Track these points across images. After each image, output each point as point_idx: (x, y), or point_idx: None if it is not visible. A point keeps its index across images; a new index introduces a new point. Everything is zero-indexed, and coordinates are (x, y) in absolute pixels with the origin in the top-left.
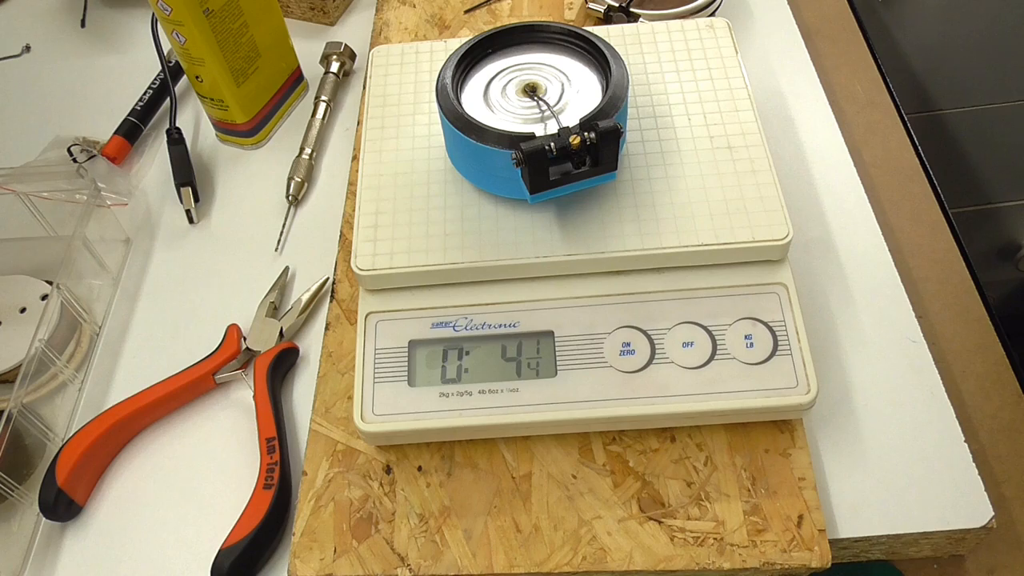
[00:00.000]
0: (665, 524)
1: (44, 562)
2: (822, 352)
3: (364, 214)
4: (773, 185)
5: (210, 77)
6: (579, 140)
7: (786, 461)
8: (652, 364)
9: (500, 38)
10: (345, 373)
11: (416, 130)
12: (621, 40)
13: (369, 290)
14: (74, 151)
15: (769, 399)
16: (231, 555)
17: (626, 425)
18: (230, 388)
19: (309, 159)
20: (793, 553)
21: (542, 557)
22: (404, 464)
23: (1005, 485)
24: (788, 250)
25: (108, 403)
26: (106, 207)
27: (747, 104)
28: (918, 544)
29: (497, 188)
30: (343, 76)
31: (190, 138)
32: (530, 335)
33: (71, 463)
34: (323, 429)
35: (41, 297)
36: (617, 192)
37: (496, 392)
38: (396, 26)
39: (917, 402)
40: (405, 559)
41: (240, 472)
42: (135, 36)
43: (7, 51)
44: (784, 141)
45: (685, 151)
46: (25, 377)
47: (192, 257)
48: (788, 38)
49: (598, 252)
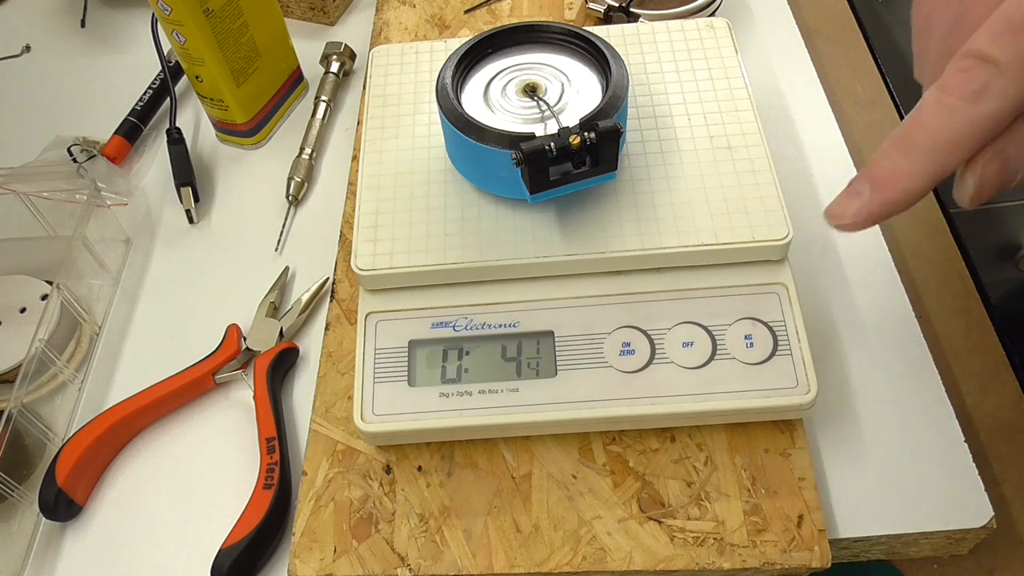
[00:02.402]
0: (665, 524)
1: (44, 562)
2: (822, 352)
3: (364, 214)
4: (773, 185)
5: (210, 77)
6: (579, 140)
7: (786, 461)
8: (652, 364)
9: (500, 38)
10: (345, 373)
11: (416, 130)
12: (621, 40)
13: (369, 290)
14: (74, 151)
15: (769, 399)
16: (231, 555)
17: (626, 425)
18: (230, 388)
19: (309, 159)
20: (793, 553)
21: (542, 557)
22: (404, 464)
23: (1005, 485)
24: (788, 250)
25: (108, 403)
26: (106, 207)
27: (747, 104)
28: (918, 544)
29: (497, 188)
30: (343, 76)
31: (190, 138)
32: (530, 335)
33: (71, 463)
34: (323, 429)
35: (41, 297)
36: (617, 192)
37: (496, 392)
38: (396, 26)
39: (917, 402)
40: (405, 559)
41: (240, 472)
42: (135, 36)
43: (7, 51)
44: (784, 141)
45: (685, 151)
46: (25, 377)
47: (192, 257)
48: (788, 38)
49: (598, 252)
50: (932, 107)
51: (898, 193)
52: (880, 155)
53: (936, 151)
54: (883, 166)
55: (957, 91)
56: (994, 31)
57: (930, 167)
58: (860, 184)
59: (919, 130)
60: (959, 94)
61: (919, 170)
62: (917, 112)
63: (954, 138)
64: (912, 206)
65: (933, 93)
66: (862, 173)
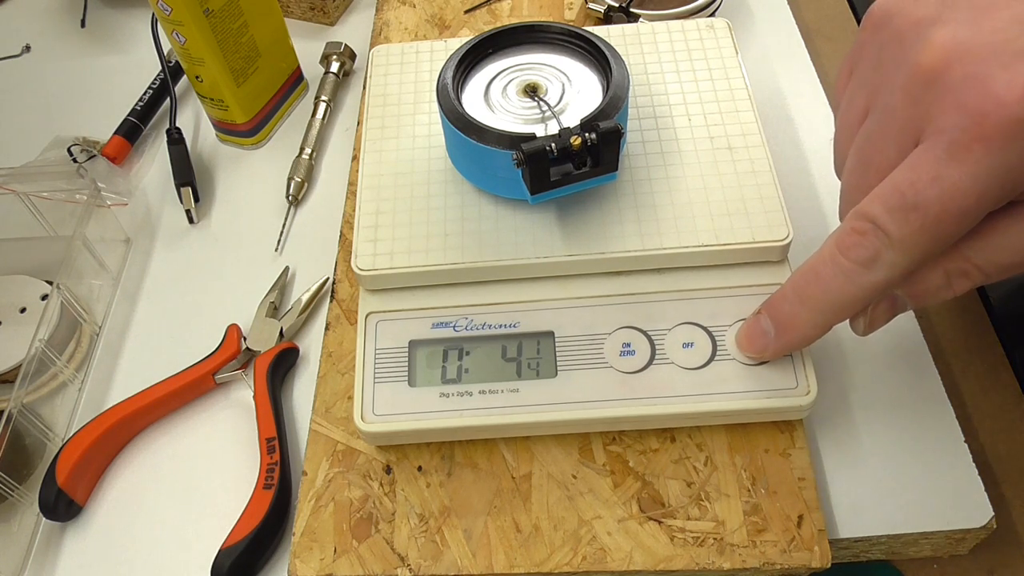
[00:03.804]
0: (665, 524)
1: (44, 562)
2: (822, 352)
3: (364, 214)
4: (773, 185)
5: (210, 77)
6: (580, 141)
7: (786, 461)
8: (652, 364)
9: (500, 38)
10: (345, 373)
11: (416, 130)
12: (621, 40)
13: (369, 290)
14: (74, 151)
15: (769, 400)
16: (231, 555)
17: (626, 425)
18: (230, 388)
19: (309, 159)
20: (793, 553)
21: (542, 557)
22: (404, 464)
23: (1005, 485)
24: (788, 251)
25: (108, 403)
26: (106, 207)
27: (747, 104)
28: (918, 544)
29: (497, 188)
30: (343, 76)
31: (190, 138)
32: (530, 335)
33: (71, 463)
34: (323, 429)
35: (41, 297)
36: (617, 192)
37: (496, 392)
38: (396, 26)
39: (917, 402)
40: (405, 559)
41: (240, 472)
42: (135, 36)
43: (7, 51)
44: (784, 141)
45: (685, 151)
46: (25, 377)
47: (192, 257)
48: (788, 38)
49: (598, 252)
50: (829, 267)
51: (797, 338)
52: (781, 298)
53: (829, 307)
54: (784, 312)
55: (851, 254)
56: (889, 203)
57: (824, 319)
58: (766, 322)
59: (817, 286)
60: (853, 258)
61: (815, 322)
62: (815, 265)
63: (847, 300)
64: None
65: (830, 249)
66: (766, 309)
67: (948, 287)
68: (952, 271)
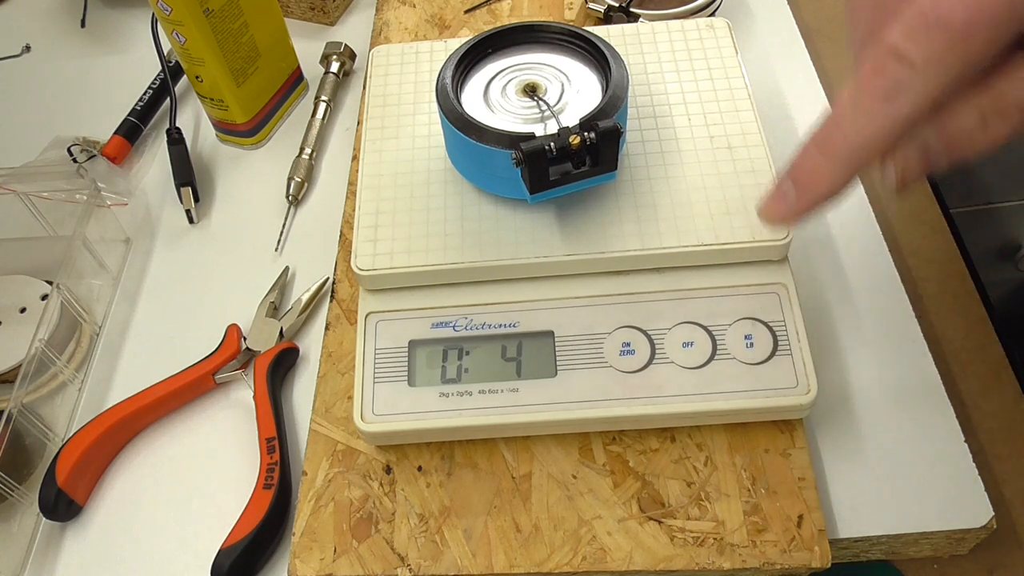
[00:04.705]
0: (665, 524)
1: (44, 562)
2: (822, 352)
3: (364, 214)
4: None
5: (210, 77)
6: (579, 140)
7: (786, 461)
8: (652, 364)
9: (500, 38)
10: (345, 373)
11: (416, 130)
12: (621, 40)
13: (369, 290)
14: (74, 151)
15: (769, 399)
16: (231, 555)
17: (626, 425)
18: (230, 388)
19: (309, 159)
20: (793, 553)
21: (542, 557)
22: (404, 464)
23: (1005, 485)
24: (788, 250)
25: (108, 403)
26: (106, 207)
27: (747, 104)
28: (918, 544)
29: (497, 188)
30: (343, 76)
31: (190, 138)
32: (530, 335)
33: (71, 463)
34: (323, 429)
35: (41, 297)
36: (617, 192)
37: (496, 392)
38: (396, 26)
39: (917, 402)
40: (405, 559)
41: (240, 472)
42: (135, 36)
43: (7, 51)
44: (784, 141)
45: (685, 151)
46: (25, 377)
47: (192, 257)
48: (788, 38)
49: (598, 252)
50: (849, 108)
51: (820, 192)
52: (802, 155)
53: (854, 152)
54: (805, 167)
55: (872, 91)
56: (910, 26)
57: (849, 166)
58: (786, 184)
59: (837, 132)
60: (874, 95)
61: (838, 171)
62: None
63: (870, 140)
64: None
65: (850, 90)
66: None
67: (983, 129)
68: (987, 110)
